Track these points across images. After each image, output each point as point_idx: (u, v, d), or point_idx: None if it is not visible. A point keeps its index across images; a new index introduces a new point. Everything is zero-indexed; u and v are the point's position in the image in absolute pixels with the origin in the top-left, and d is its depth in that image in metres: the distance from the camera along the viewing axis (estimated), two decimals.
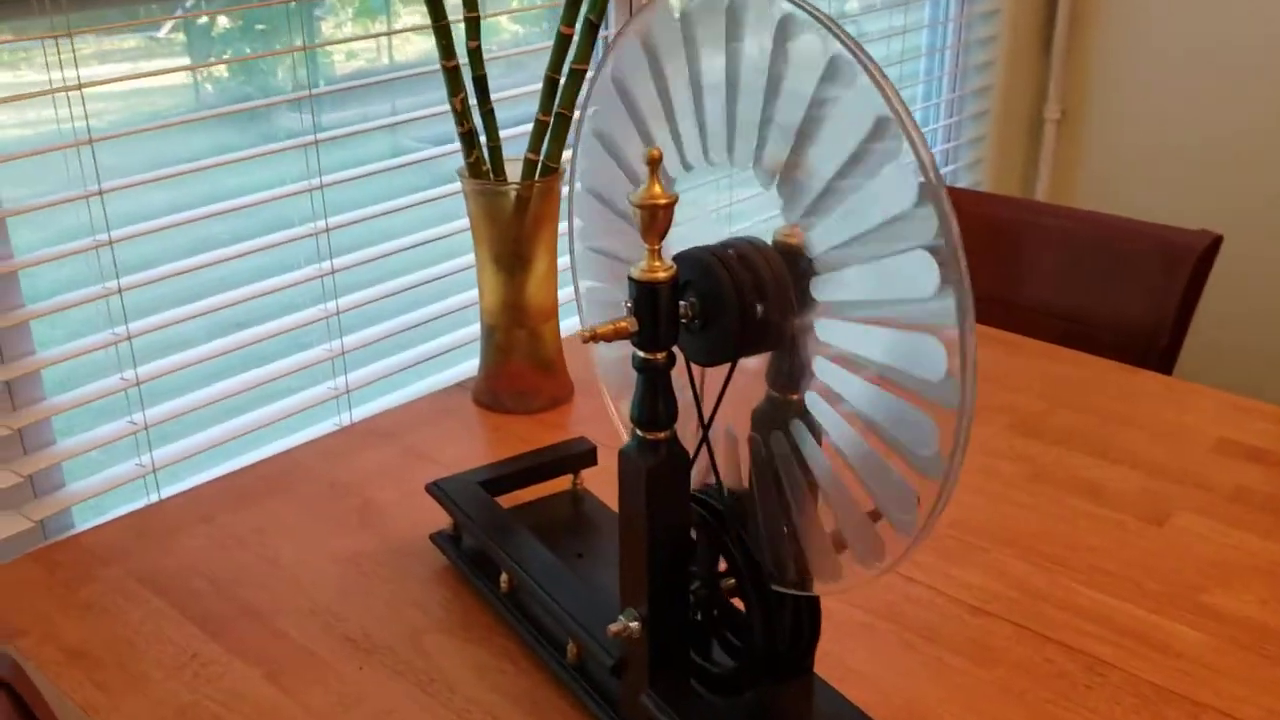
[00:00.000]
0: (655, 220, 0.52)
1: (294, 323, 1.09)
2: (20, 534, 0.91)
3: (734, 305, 0.52)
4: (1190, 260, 1.24)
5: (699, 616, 0.61)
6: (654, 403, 0.55)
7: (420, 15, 1.26)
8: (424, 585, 0.78)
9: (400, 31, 1.29)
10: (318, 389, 1.12)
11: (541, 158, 0.96)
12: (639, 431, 0.56)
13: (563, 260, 1.02)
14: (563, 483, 0.85)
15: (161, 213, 1.00)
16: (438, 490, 0.80)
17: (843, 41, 0.45)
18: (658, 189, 0.51)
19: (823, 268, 0.50)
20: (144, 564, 0.80)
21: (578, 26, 0.93)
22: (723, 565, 0.60)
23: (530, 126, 0.92)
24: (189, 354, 1.02)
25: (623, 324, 0.53)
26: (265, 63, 1.13)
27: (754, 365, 0.57)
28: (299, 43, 1.07)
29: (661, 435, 0.55)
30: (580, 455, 0.84)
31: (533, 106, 0.95)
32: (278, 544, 0.83)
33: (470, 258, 1.25)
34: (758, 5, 0.49)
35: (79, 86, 0.89)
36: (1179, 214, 1.44)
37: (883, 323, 0.48)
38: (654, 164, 0.51)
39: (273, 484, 0.91)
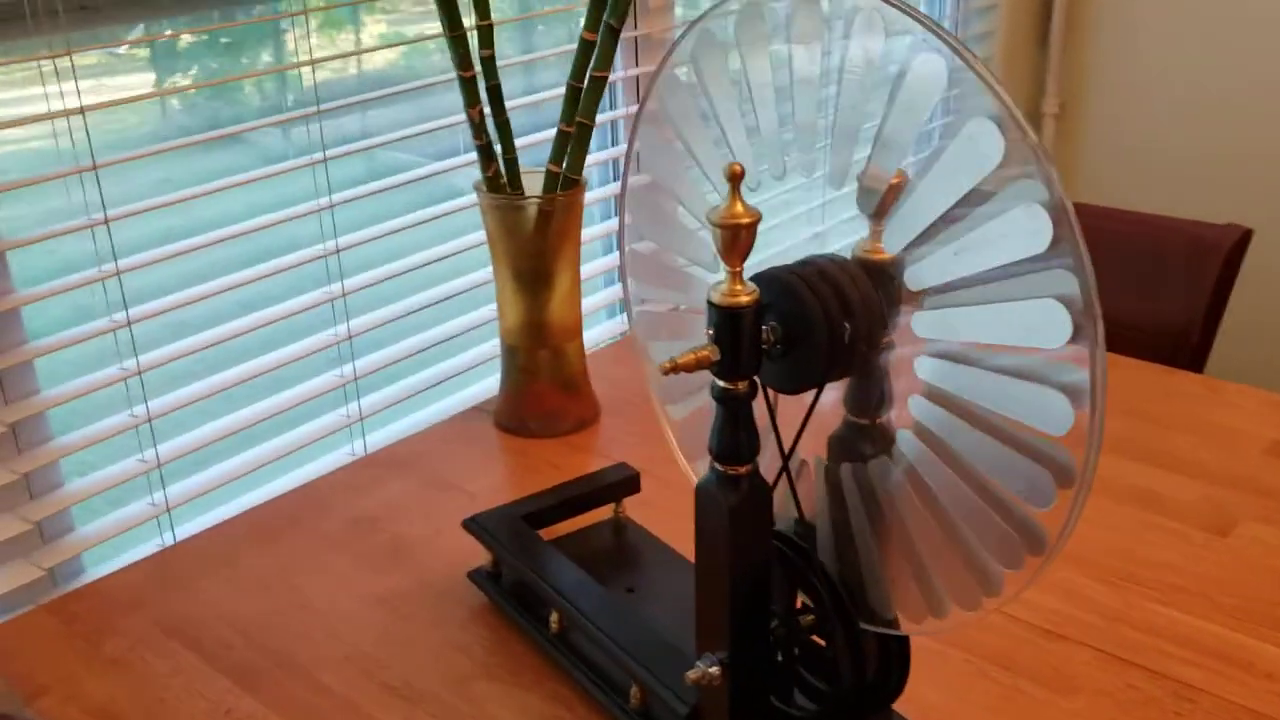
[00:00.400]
0: (737, 241, 0.48)
1: (305, 349, 1.04)
2: (30, 584, 0.86)
3: (822, 328, 0.48)
4: (1220, 256, 1.21)
5: (779, 657, 0.57)
6: (735, 434, 0.51)
7: (386, 24, 1.22)
8: (464, 627, 0.74)
9: (418, 40, 1.24)
10: (329, 417, 1.07)
11: (563, 170, 0.92)
12: (718, 465, 0.52)
13: (585, 268, 0.98)
14: (602, 511, 0.81)
15: (160, 239, 0.95)
16: (476, 526, 0.76)
17: (970, 65, 0.41)
18: (740, 207, 0.48)
19: (926, 303, 0.47)
20: (167, 612, 0.76)
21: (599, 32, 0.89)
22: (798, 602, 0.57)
23: (534, 138, 0.88)
24: (199, 386, 0.97)
25: (704, 353, 0.49)
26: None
27: (829, 390, 0.53)
28: (266, 57, 1.03)
29: (743, 469, 0.52)
30: (623, 482, 0.80)
31: (529, 118, 0.91)
32: (306, 586, 0.78)
33: (483, 273, 1.21)
34: (867, 10, 0.45)
35: (81, 110, 0.84)
36: (1179, 207, 1.42)
37: (997, 369, 0.44)
38: (735, 180, 0.47)
39: (294, 520, 0.86)
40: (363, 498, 0.89)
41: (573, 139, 0.91)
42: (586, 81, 0.90)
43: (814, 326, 0.49)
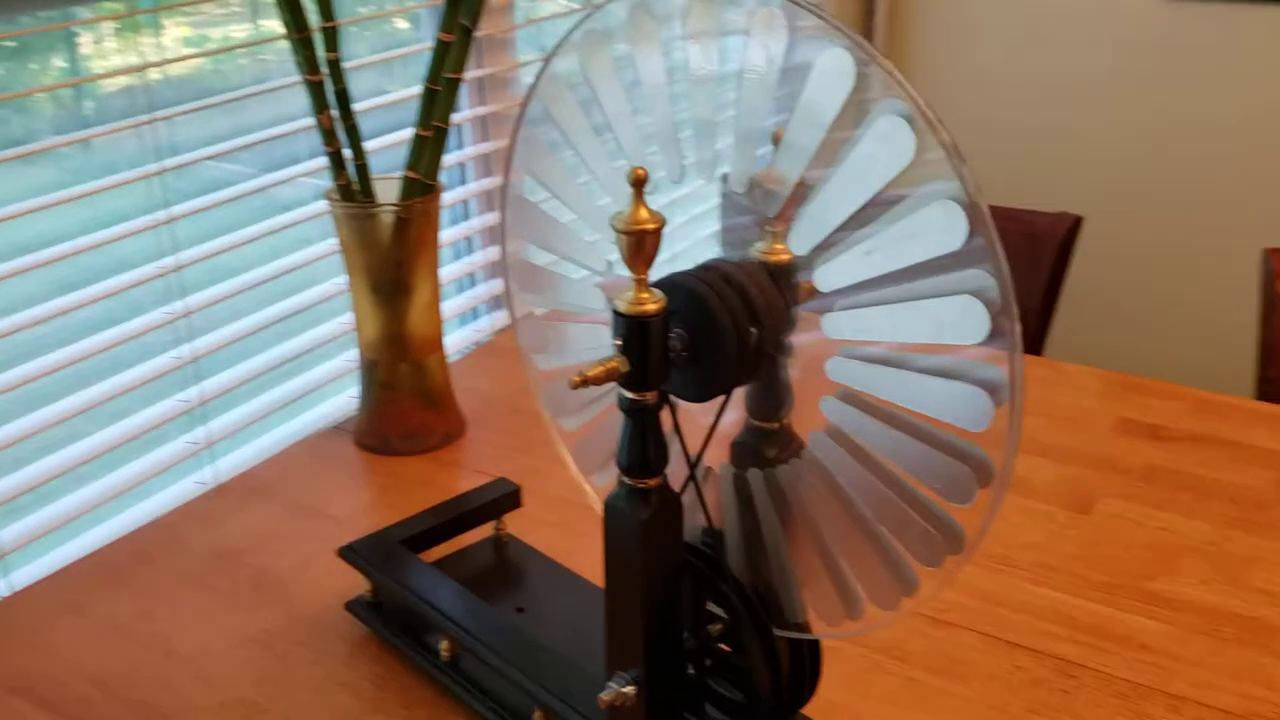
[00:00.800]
0: (643, 247, 0.46)
1: (147, 373, 0.98)
2: None
3: (729, 334, 0.47)
4: (1054, 243, 1.26)
5: (690, 671, 0.56)
6: (644, 447, 0.49)
7: (190, 27, 1.16)
8: (347, 661, 0.70)
9: (263, 41, 1.18)
10: (176, 444, 1.01)
11: (421, 175, 0.89)
12: (627, 479, 0.50)
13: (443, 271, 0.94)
14: (480, 529, 0.79)
15: None
16: (354, 555, 0.72)
17: (878, 62, 0.40)
18: (644, 212, 0.46)
19: (838, 304, 0.46)
20: (11, 668, 0.69)
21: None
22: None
23: (379, 143, 0.84)
24: (32, 419, 0.90)
25: (613, 364, 0.47)
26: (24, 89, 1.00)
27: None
28: (60, 62, 0.96)
29: (653, 482, 0.50)
30: (504, 498, 0.77)
31: (373, 122, 0.87)
32: (168, 629, 0.73)
33: (332, 284, 1.16)
34: (767, 8, 0.44)
35: None
36: (1005, 197, 1.49)
37: (913, 368, 0.44)
38: (639, 184, 0.46)
39: (146, 559, 0.81)
40: (220, 529, 0.84)
41: (429, 143, 0.88)
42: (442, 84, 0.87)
43: (721, 333, 0.47)
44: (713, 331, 0.48)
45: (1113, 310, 2.05)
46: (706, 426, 0.53)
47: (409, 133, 0.88)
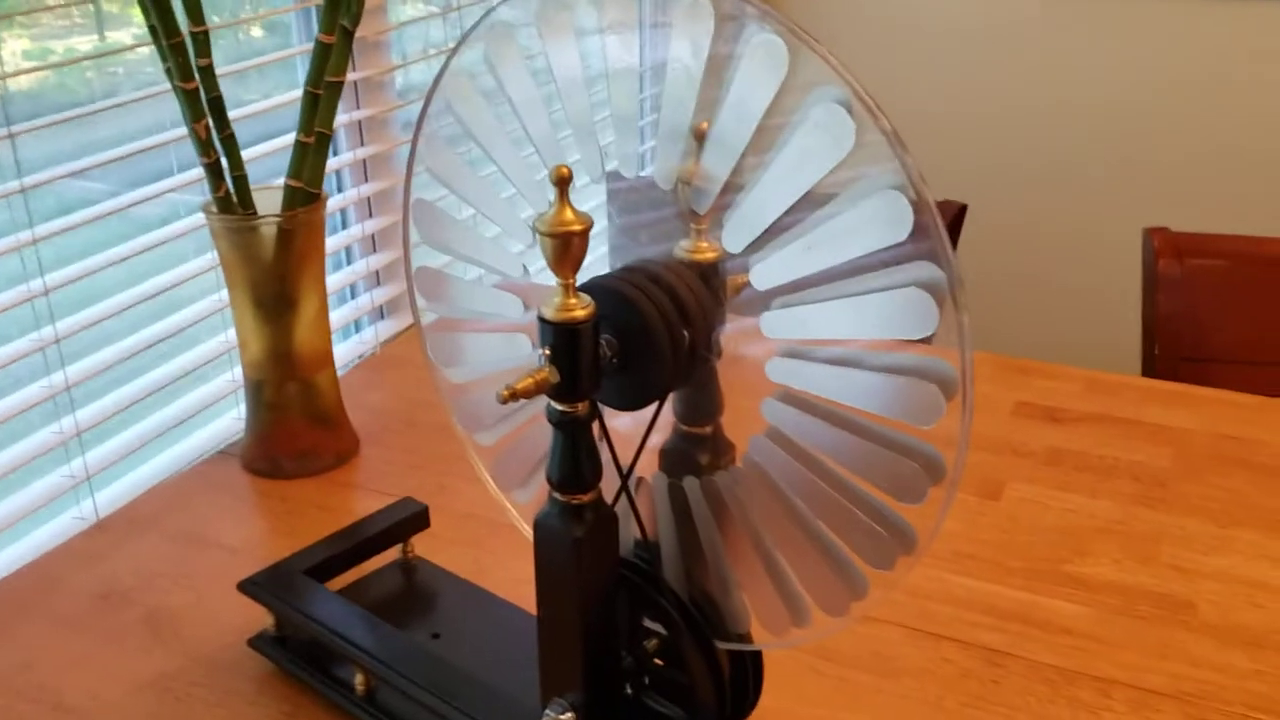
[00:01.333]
0: (569, 250, 0.44)
1: (15, 405, 0.91)
2: None
3: (662, 337, 0.45)
4: None
5: (627, 690, 0.54)
6: (576, 460, 0.47)
7: (30, 40, 1.09)
8: (254, 701, 0.66)
9: (134, 47, 1.11)
10: (50, 478, 0.94)
11: (304, 183, 0.85)
12: (559, 496, 0.48)
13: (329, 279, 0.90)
14: (387, 553, 0.75)
15: None
16: (255, 588, 0.68)
17: (811, 46, 0.39)
18: (569, 213, 0.44)
19: (775, 303, 0.44)
20: None
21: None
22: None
23: (248, 153, 0.80)
24: None
25: (543, 374, 0.45)
26: None
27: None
28: None
29: (587, 497, 0.48)
30: (411, 519, 0.74)
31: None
32: (56, 680, 0.68)
33: (213, 300, 1.11)
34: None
35: None
36: None
37: (855, 365, 0.43)
38: (563, 184, 0.43)
39: (25, 605, 0.75)
40: (104, 568, 0.78)
41: (311, 150, 0.84)
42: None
43: (654, 336, 0.45)
44: (644, 336, 0.45)
45: (999, 294, 2.09)
46: (627, 434, 0.50)
47: (279, 142, 0.84)
